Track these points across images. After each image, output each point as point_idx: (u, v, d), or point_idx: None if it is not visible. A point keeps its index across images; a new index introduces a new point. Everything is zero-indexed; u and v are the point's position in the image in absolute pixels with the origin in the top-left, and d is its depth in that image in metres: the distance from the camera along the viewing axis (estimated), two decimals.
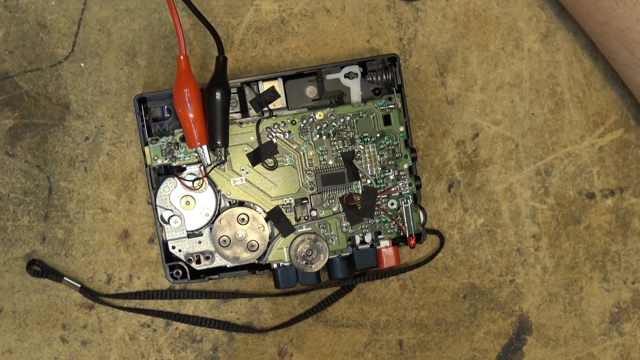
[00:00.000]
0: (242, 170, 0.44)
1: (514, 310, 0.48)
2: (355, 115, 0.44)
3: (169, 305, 0.47)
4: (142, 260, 0.47)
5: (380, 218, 0.44)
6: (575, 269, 0.48)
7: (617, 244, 0.48)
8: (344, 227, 0.44)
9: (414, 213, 0.45)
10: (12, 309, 0.46)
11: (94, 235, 0.46)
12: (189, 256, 0.44)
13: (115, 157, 0.46)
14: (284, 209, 0.44)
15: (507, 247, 0.48)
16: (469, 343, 0.48)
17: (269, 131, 0.44)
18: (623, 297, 0.48)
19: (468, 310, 0.48)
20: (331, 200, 0.44)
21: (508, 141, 0.47)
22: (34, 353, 0.46)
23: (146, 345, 0.47)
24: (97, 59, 0.46)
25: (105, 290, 0.47)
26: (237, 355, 0.47)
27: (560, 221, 0.48)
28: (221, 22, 0.46)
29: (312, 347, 0.47)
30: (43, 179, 0.46)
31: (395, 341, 0.48)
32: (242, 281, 0.47)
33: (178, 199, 0.43)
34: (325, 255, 0.44)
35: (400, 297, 0.48)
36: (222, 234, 0.44)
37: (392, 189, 0.44)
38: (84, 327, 0.47)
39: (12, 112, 0.46)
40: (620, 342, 0.48)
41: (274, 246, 0.44)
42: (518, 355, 0.48)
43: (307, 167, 0.44)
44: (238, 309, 0.47)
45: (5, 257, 0.46)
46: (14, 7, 0.46)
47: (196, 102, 0.41)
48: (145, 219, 0.47)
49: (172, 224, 0.44)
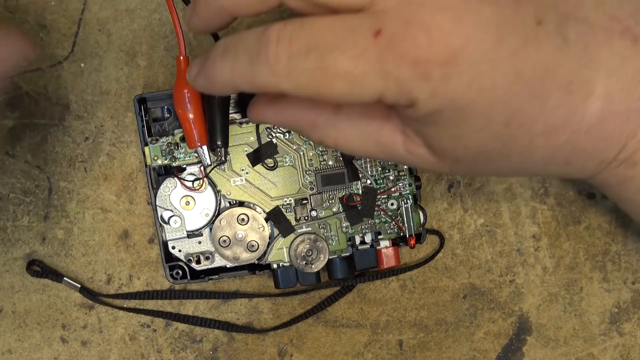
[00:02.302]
0: (242, 170, 0.44)
1: (514, 311, 0.48)
2: None
3: (169, 305, 0.47)
4: (142, 260, 0.47)
5: (380, 218, 0.44)
6: (575, 269, 0.48)
7: (617, 244, 0.48)
8: (344, 228, 0.44)
9: (414, 213, 0.45)
10: (12, 309, 0.46)
11: (94, 235, 0.46)
12: (189, 256, 0.44)
13: (115, 158, 0.46)
14: (284, 209, 0.44)
15: (507, 247, 0.48)
16: (469, 343, 0.48)
17: (269, 131, 0.44)
18: (623, 297, 0.48)
19: (468, 311, 0.48)
20: (331, 200, 0.44)
21: None
22: (33, 353, 0.46)
23: (146, 345, 0.47)
24: (97, 59, 0.46)
25: (105, 291, 0.47)
26: (237, 355, 0.47)
27: (560, 221, 0.48)
28: None
29: (312, 347, 0.47)
30: (43, 179, 0.46)
31: (395, 341, 0.48)
32: (242, 281, 0.47)
33: (178, 199, 0.43)
34: (325, 256, 0.44)
35: (400, 297, 0.48)
36: (222, 234, 0.44)
37: (392, 189, 0.44)
38: (84, 327, 0.47)
39: (12, 112, 0.46)
40: (620, 342, 0.48)
41: (274, 246, 0.44)
42: (518, 355, 0.48)
43: (307, 167, 0.44)
44: (238, 309, 0.47)
45: (5, 257, 0.46)
46: (13, 7, 0.46)
47: (196, 103, 0.41)
48: (145, 219, 0.47)
49: (172, 224, 0.44)
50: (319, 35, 0.31)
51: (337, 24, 0.31)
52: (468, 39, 0.30)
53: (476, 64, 0.31)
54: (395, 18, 0.30)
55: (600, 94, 0.32)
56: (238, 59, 0.33)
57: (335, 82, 0.31)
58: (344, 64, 0.31)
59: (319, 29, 0.31)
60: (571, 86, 0.32)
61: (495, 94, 0.31)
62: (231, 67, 0.34)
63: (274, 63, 0.32)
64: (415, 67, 0.30)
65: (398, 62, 0.30)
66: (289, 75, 0.32)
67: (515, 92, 0.32)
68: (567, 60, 0.32)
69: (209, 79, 0.35)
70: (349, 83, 0.31)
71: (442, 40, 0.30)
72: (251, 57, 0.33)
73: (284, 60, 0.32)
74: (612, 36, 0.32)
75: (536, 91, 0.32)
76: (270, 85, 0.33)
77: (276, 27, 0.32)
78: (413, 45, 0.30)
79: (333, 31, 0.31)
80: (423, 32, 0.30)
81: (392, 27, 0.30)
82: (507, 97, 0.32)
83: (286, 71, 0.32)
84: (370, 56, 0.30)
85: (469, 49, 0.30)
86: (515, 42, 0.31)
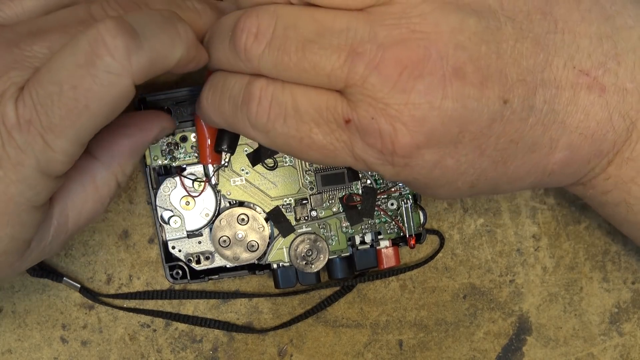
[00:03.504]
0: (242, 170, 0.44)
1: (514, 310, 0.48)
2: None
3: (169, 305, 0.47)
4: (142, 260, 0.47)
5: (380, 218, 0.44)
6: (575, 269, 0.48)
7: (617, 244, 0.48)
8: (344, 228, 0.44)
9: (413, 213, 0.45)
10: (12, 309, 0.46)
11: (93, 235, 0.46)
12: (189, 256, 0.44)
13: None
14: (284, 209, 0.44)
15: (507, 247, 0.48)
16: (469, 343, 0.48)
17: None
18: (623, 297, 0.48)
19: (468, 311, 0.48)
20: (331, 200, 0.44)
21: None
22: (33, 353, 0.46)
23: (146, 345, 0.47)
24: None
25: (105, 291, 0.47)
26: (237, 355, 0.47)
27: (560, 221, 0.48)
28: None
29: (312, 347, 0.47)
30: None
31: (395, 341, 0.48)
32: (242, 281, 0.47)
33: (178, 199, 0.43)
34: (325, 256, 0.44)
35: (400, 297, 0.48)
36: (222, 234, 0.44)
37: (392, 189, 0.44)
38: (84, 327, 0.47)
39: None
40: (620, 342, 0.48)
41: (274, 246, 0.44)
42: (518, 355, 0.48)
43: (307, 167, 0.44)
44: (238, 309, 0.47)
45: None
46: None
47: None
48: (145, 219, 0.47)
49: (172, 224, 0.44)
50: (298, 103, 0.33)
51: (316, 97, 0.33)
52: (431, 134, 0.32)
53: (439, 152, 0.33)
54: (364, 111, 0.32)
55: (563, 147, 0.34)
56: (223, 102, 0.35)
57: (310, 151, 0.34)
58: (318, 137, 0.33)
59: (299, 97, 0.33)
60: (535, 147, 0.34)
61: (458, 169, 0.34)
62: (216, 109, 0.36)
63: (254, 120, 0.34)
64: (380, 155, 0.33)
65: (364, 149, 0.33)
66: (267, 133, 0.34)
67: (479, 164, 0.34)
68: (533, 128, 0.33)
69: (201, 114, 0.38)
70: (322, 154, 0.34)
71: (406, 136, 0.32)
72: (235, 105, 0.34)
73: (263, 119, 0.34)
74: (579, 92, 0.34)
75: (499, 159, 0.34)
76: (249, 135, 0.35)
77: (259, 84, 0.33)
78: (378, 139, 0.32)
79: (311, 103, 0.33)
80: (388, 127, 0.32)
81: (360, 119, 0.32)
82: (471, 169, 0.34)
83: (264, 129, 0.34)
84: (341, 137, 0.33)
85: (432, 141, 0.32)
86: (480, 126, 0.32)
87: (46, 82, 0.31)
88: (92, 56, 0.30)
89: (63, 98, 0.30)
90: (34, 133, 0.31)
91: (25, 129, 0.31)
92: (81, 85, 0.30)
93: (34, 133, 0.31)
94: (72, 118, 0.31)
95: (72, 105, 0.30)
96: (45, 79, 0.31)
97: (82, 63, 0.30)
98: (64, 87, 0.30)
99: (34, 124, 0.31)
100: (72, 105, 0.30)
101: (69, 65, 0.30)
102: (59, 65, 0.30)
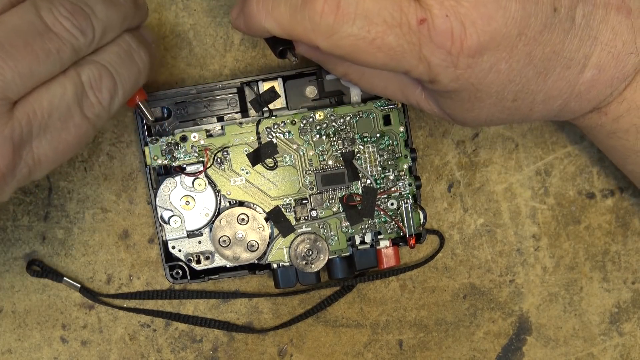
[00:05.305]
0: (242, 170, 0.44)
1: (514, 310, 0.48)
2: (355, 115, 0.44)
3: (169, 305, 0.47)
4: (142, 260, 0.47)
5: (380, 218, 0.44)
6: (575, 269, 0.48)
7: (617, 244, 0.48)
8: (344, 227, 0.44)
9: (413, 213, 0.45)
10: (12, 309, 0.46)
11: (93, 235, 0.46)
12: (189, 256, 0.44)
13: (115, 157, 0.46)
14: (284, 209, 0.44)
15: (507, 247, 0.48)
16: (469, 343, 0.48)
17: (269, 131, 0.44)
18: (623, 297, 0.48)
19: (468, 310, 0.48)
20: (331, 200, 0.44)
21: (508, 141, 0.47)
22: (33, 353, 0.46)
23: (146, 345, 0.47)
24: None
25: (105, 290, 0.47)
26: (237, 355, 0.47)
27: (560, 221, 0.48)
28: (221, 22, 0.46)
29: (312, 347, 0.47)
30: (43, 178, 0.46)
31: (395, 341, 0.48)
32: (242, 281, 0.47)
33: (178, 199, 0.43)
34: (325, 255, 0.44)
35: (400, 297, 0.48)
36: (222, 234, 0.44)
37: (392, 189, 0.44)
38: (83, 327, 0.47)
39: None
40: (620, 342, 0.48)
41: (274, 246, 0.44)
42: (518, 355, 0.48)
43: (307, 167, 0.44)
44: (238, 309, 0.47)
45: (5, 257, 0.46)
46: None
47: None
48: (145, 219, 0.47)
49: (172, 224, 0.44)
50: (368, 4, 0.33)
51: (387, 0, 0.33)
52: (495, 33, 0.34)
53: (498, 53, 0.35)
54: (437, 10, 0.33)
55: (593, 65, 0.37)
56: (278, 6, 0.34)
57: (377, 53, 0.34)
58: (390, 39, 0.33)
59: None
60: (571, 62, 0.37)
61: (509, 76, 0.36)
62: (269, 12, 0.35)
63: (318, 20, 0.33)
64: (447, 56, 0.34)
65: (434, 49, 0.34)
66: (331, 36, 0.34)
67: (525, 72, 0.36)
68: (572, 41, 0.36)
69: (246, 21, 0.36)
70: (388, 57, 0.34)
71: (473, 36, 0.34)
72: (294, 7, 0.34)
73: (329, 20, 0.33)
74: (610, 12, 0.37)
75: (542, 69, 0.36)
76: (307, 39, 0.34)
77: None
78: (449, 38, 0.34)
79: (383, 5, 0.33)
80: (459, 26, 0.33)
81: (434, 18, 0.33)
82: (518, 77, 0.36)
83: (329, 31, 0.33)
84: (412, 39, 0.34)
85: (494, 42, 0.34)
86: (534, 31, 0.35)
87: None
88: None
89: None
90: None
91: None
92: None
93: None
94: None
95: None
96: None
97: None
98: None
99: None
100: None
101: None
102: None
